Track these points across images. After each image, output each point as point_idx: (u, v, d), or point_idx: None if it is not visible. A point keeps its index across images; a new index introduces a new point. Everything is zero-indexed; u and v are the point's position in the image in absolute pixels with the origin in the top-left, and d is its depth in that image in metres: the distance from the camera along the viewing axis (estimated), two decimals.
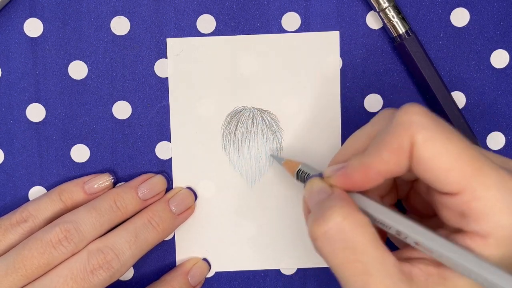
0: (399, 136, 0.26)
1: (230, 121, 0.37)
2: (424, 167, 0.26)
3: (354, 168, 0.28)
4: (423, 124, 0.26)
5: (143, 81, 0.37)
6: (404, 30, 0.36)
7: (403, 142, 0.26)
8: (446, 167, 0.25)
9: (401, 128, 0.26)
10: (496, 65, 0.37)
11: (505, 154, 0.38)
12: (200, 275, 0.37)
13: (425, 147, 0.26)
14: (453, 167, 0.25)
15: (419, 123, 0.26)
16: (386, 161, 0.26)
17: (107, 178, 0.36)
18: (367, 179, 0.27)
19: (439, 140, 0.26)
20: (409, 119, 0.26)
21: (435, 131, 0.26)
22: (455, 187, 0.26)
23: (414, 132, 0.26)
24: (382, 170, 0.27)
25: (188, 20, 0.37)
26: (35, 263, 0.32)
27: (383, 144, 0.27)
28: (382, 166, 0.27)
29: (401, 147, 0.26)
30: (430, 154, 0.26)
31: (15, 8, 0.36)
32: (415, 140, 0.26)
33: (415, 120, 0.26)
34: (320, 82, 0.37)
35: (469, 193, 0.25)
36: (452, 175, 0.25)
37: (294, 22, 0.37)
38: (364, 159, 0.27)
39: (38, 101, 0.37)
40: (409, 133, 0.26)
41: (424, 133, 0.26)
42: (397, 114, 0.27)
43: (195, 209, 0.38)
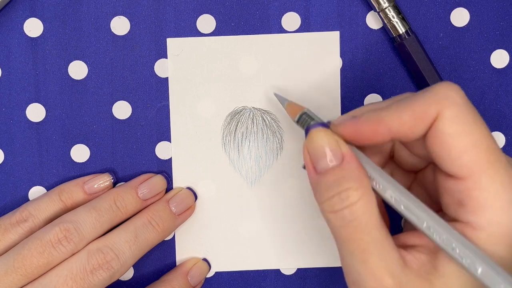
0: (428, 104, 0.26)
1: (230, 121, 0.37)
2: (442, 142, 0.26)
3: (367, 118, 0.27)
4: (456, 101, 0.26)
5: (143, 81, 0.37)
6: (404, 30, 0.36)
7: (430, 110, 0.26)
8: (463, 148, 0.25)
9: (433, 97, 0.26)
10: (496, 65, 0.37)
11: (505, 154, 0.38)
12: (200, 275, 0.37)
13: (451, 122, 0.26)
14: (469, 150, 0.25)
15: (452, 98, 0.26)
16: (402, 122, 0.26)
17: (107, 178, 0.36)
18: (376, 134, 0.27)
19: (467, 120, 0.26)
20: (445, 92, 0.26)
21: (465, 111, 0.26)
22: (463, 171, 0.26)
23: (445, 105, 0.26)
24: (394, 128, 0.27)
25: (188, 20, 0.37)
26: (34, 263, 0.32)
27: (407, 105, 0.26)
28: (396, 124, 0.26)
29: (425, 114, 0.26)
30: (453, 131, 0.26)
31: (15, 8, 0.36)
32: (443, 113, 0.26)
33: (450, 94, 0.26)
34: (320, 82, 0.37)
35: (474, 181, 0.25)
36: (465, 157, 0.25)
37: (294, 22, 0.37)
38: (381, 113, 0.27)
39: (38, 101, 0.37)
40: (439, 104, 0.26)
41: (455, 110, 0.26)
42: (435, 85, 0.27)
43: (195, 209, 0.38)
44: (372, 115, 0.27)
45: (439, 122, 0.26)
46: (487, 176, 0.25)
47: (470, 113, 0.26)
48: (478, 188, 0.25)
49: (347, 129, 0.28)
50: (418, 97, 0.26)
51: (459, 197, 0.26)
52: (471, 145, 0.25)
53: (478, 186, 0.25)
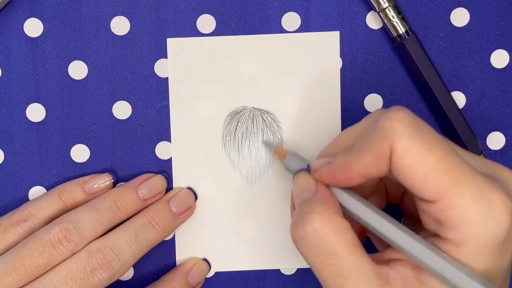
0: (380, 142, 0.26)
1: (230, 121, 0.37)
2: (403, 174, 0.26)
3: (338, 166, 0.28)
4: (404, 133, 0.26)
5: (143, 81, 0.37)
6: (404, 30, 0.36)
7: (383, 148, 0.26)
8: (424, 176, 0.26)
9: (382, 134, 0.26)
10: (496, 65, 0.37)
11: (505, 154, 0.38)
12: (200, 275, 0.37)
13: (404, 155, 0.26)
14: (430, 176, 0.26)
15: (400, 131, 0.26)
16: (367, 164, 0.27)
17: (107, 178, 0.36)
18: (349, 179, 0.28)
19: (418, 149, 0.26)
20: (391, 126, 0.26)
21: (415, 140, 0.26)
22: (432, 195, 0.26)
23: (394, 139, 0.26)
24: (363, 172, 0.27)
25: (188, 20, 0.37)
26: (34, 262, 0.32)
27: (365, 147, 0.27)
28: (363, 168, 0.27)
29: (381, 153, 0.26)
30: (408, 163, 0.26)
31: (15, 8, 0.36)
32: (395, 147, 0.26)
33: (396, 127, 0.26)
34: (320, 82, 0.37)
35: (445, 201, 0.26)
36: (429, 183, 0.26)
37: (294, 22, 0.37)
38: (347, 158, 0.28)
39: (38, 101, 0.37)
40: (389, 140, 0.26)
41: (404, 142, 0.26)
42: (380, 119, 0.27)
43: (195, 209, 0.38)
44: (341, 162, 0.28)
45: (394, 156, 0.26)
46: (455, 194, 0.26)
47: (420, 139, 0.26)
48: (450, 207, 0.26)
49: (323, 176, 0.29)
50: (371, 136, 0.27)
51: (436, 217, 0.26)
52: (429, 170, 0.26)
53: (450, 206, 0.26)
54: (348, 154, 0.28)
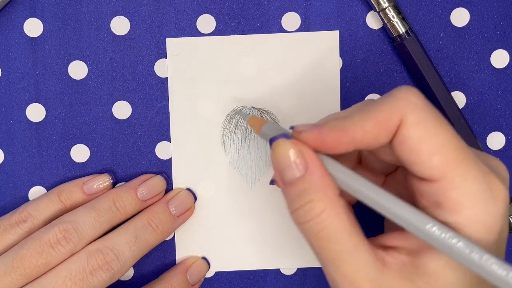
0: (390, 111, 0.26)
1: (230, 121, 0.37)
2: (409, 147, 0.26)
3: (330, 127, 0.27)
4: (418, 105, 0.26)
5: (143, 81, 0.37)
6: (404, 30, 0.36)
7: (392, 117, 0.26)
8: (431, 151, 0.25)
9: (395, 103, 0.26)
10: (496, 65, 0.37)
11: (505, 154, 0.38)
12: (199, 273, 0.37)
13: (416, 127, 0.25)
14: (438, 152, 0.25)
15: (414, 103, 0.26)
16: (366, 130, 0.26)
17: (106, 179, 0.36)
18: (339, 143, 0.27)
19: (431, 123, 0.25)
20: (405, 97, 0.26)
21: (428, 114, 0.26)
22: (435, 173, 0.25)
23: (407, 110, 0.26)
24: (358, 138, 0.26)
25: (188, 20, 0.37)
26: (33, 263, 0.32)
27: (369, 113, 0.26)
28: (359, 134, 0.26)
29: (388, 121, 0.26)
30: (419, 135, 0.25)
31: (15, 8, 0.37)
32: (406, 119, 0.25)
33: (411, 99, 0.26)
34: (320, 82, 0.37)
35: (447, 181, 0.25)
36: (435, 160, 0.25)
37: (294, 22, 0.37)
38: (344, 122, 0.27)
39: (38, 101, 0.37)
40: (401, 110, 0.26)
41: (417, 114, 0.25)
42: (394, 90, 0.26)
43: (195, 209, 0.38)
44: (336, 124, 0.27)
45: (403, 128, 0.26)
46: (459, 175, 0.25)
47: (432, 115, 0.26)
48: (452, 188, 0.25)
49: (310, 137, 0.28)
50: (380, 104, 0.26)
51: (435, 199, 0.26)
52: (438, 146, 0.25)
53: (453, 186, 0.25)
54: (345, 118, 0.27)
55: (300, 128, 0.28)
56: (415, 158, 0.26)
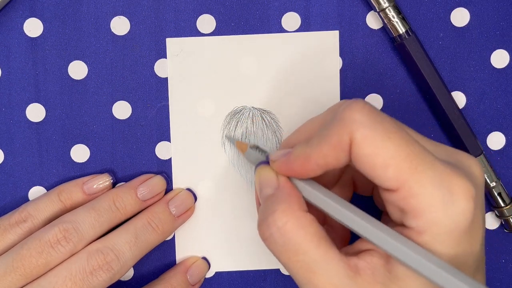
0: (339, 132, 0.27)
1: (230, 121, 0.37)
2: (363, 164, 0.26)
3: (295, 157, 0.29)
4: (363, 122, 0.26)
5: (143, 81, 0.37)
6: (404, 30, 0.36)
7: (342, 138, 0.26)
8: (383, 164, 0.26)
9: (341, 124, 0.27)
10: (496, 65, 0.37)
11: (505, 154, 0.38)
12: (199, 273, 0.37)
13: (363, 144, 0.26)
14: (389, 164, 0.26)
15: (358, 120, 0.26)
16: (325, 155, 0.27)
17: (106, 179, 0.36)
18: (307, 170, 0.28)
19: (377, 138, 0.26)
20: (350, 116, 0.27)
21: (374, 129, 0.26)
22: (393, 184, 0.26)
23: (353, 129, 0.26)
24: (321, 163, 0.28)
25: (188, 20, 0.37)
26: (33, 263, 0.32)
27: (324, 138, 0.27)
28: (321, 159, 0.27)
29: (340, 143, 0.27)
30: (368, 151, 0.26)
31: (15, 8, 0.37)
32: (354, 137, 0.26)
33: (355, 117, 0.26)
34: (320, 82, 0.37)
35: (406, 190, 0.26)
36: (389, 172, 0.26)
37: (294, 22, 0.37)
38: (306, 149, 0.28)
39: (38, 101, 0.37)
40: (348, 130, 0.26)
41: (363, 131, 0.26)
42: (339, 110, 0.27)
43: (195, 209, 0.38)
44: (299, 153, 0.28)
45: (353, 146, 0.26)
46: (415, 182, 0.26)
47: (379, 129, 0.26)
48: (411, 195, 0.26)
49: (281, 167, 0.30)
50: (330, 127, 0.27)
51: (398, 205, 0.27)
52: (389, 159, 0.26)
53: (411, 194, 0.26)
54: (306, 145, 0.28)
55: (273, 158, 0.30)
56: (372, 173, 0.26)
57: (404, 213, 0.27)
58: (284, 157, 0.29)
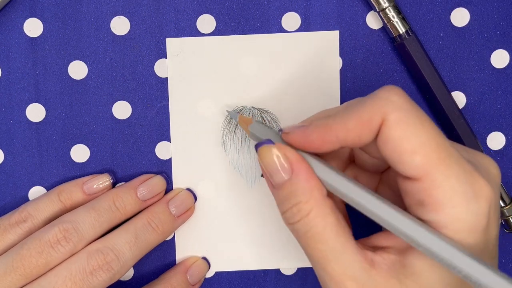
0: (373, 110, 0.26)
1: (230, 121, 0.37)
2: (391, 146, 0.26)
3: (315, 126, 0.28)
4: (400, 105, 0.26)
5: (143, 81, 0.37)
6: (404, 30, 0.36)
7: (375, 117, 0.26)
8: (412, 150, 0.26)
9: (377, 103, 0.26)
10: (496, 65, 0.37)
11: (505, 154, 0.38)
12: (199, 273, 0.37)
13: (397, 126, 0.26)
14: (419, 151, 0.26)
15: (396, 102, 0.26)
16: (349, 129, 0.27)
17: (106, 179, 0.36)
18: (324, 142, 0.28)
19: (412, 122, 0.26)
20: (388, 97, 0.26)
21: (409, 113, 0.26)
22: (418, 172, 0.26)
23: (389, 110, 0.26)
24: (341, 136, 0.27)
25: (188, 20, 0.37)
26: (33, 263, 0.32)
27: (352, 112, 0.27)
28: (342, 132, 0.27)
29: (371, 120, 0.26)
30: (400, 135, 0.26)
31: (15, 8, 0.37)
32: (388, 118, 0.26)
33: (393, 99, 0.26)
34: (320, 82, 0.37)
35: (430, 180, 0.26)
36: (416, 158, 0.26)
37: (294, 22, 0.37)
38: (327, 120, 0.28)
39: (38, 101, 0.37)
40: (383, 110, 0.26)
41: (398, 113, 0.26)
42: (377, 90, 0.27)
43: (195, 209, 0.38)
44: (319, 123, 0.28)
45: (385, 127, 0.26)
46: (441, 174, 0.25)
47: (414, 114, 0.26)
48: (434, 186, 0.26)
49: (296, 138, 0.29)
50: (363, 103, 0.27)
51: (419, 197, 0.26)
52: (419, 145, 0.26)
53: (434, 185, 0.26)
54: (329, 118, 0.28)
55: (287, 130, 0.29)
56: (398, 157, 0.26)
57: (423, 206, 0.26)
58: (301, 128, 0.29)
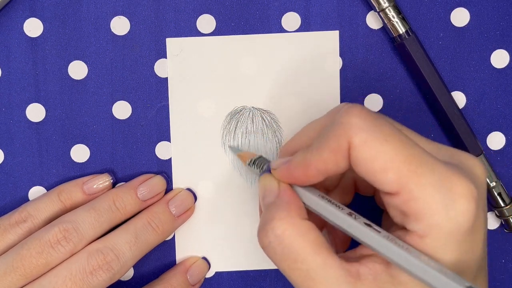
0: (338, 137, 0.27)
1: (230, 121, 0.37)
2: (362, 168, 0.26)
3: (296, 164, 0.29)
4: (361, 126, 0.26)
5: (143, 81, 0.37)
6: (404, 30, 0.36)
7: (341, 143, 0.26)
8: (382, 168, 0.26)
9: (340, 129, 0.27)
10: (496, 65, 0.37)
11: (505, 154, 0.38)
12: (199, 273, 0.37)
13: (362, 148, 0.26)
14: (389, 168, 0.26)
15: (356, 125, 0.26)
16: (325, 160, 0.27)
17: (106, 179, 0.36)
18: (308, 176, 0.28)
19: (376, 141, 0.26)
20: (348, 121, 0.26)
21: (372, 133, 0.26)
22: (393, 188, 0.26)
23: (351, 134, 0.26)
24: (321, 169, 0.27)
25: (188, 20, 0.37)
26: (33, 263, 0.32)
27: (323, 143, 0.27)
28: (321, 165, 0.27)
29: (339, 148, 0.27)
30: (367, 156, 0.26)
31: (15, 8, 0.37)
32: (352, 141, 0.26)
33: (353, 122, 0.26)
34: (320, 82, 0.37)
35: (406, 193, 0.26)
36: (389, 175, 0.26)
37: (294, 22, 0.37)
38: (305, 157, 0.28)
39: (38, 101, 0.37)
40: (347, 135, 0.26)
41: (361, 135, 0.26)
42: (337, 115, 0.27)
43: (195, 209, 0.38)
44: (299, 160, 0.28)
45: (352, 151, 0.26)
46: (415, 185, 0.26)
47: (377, 132, 0.26)
48: (412, 198, 0.26)
49: (282, 174, 0.30)
50: (328, 132, 0.27)
51: (400, 209, 0.27)
52: (388, 162, 0.26)
53: (412, 196, 0.26)
54: (306, 151, 0.28)
55: (274, 166, 0.30)
56: (372, 177, 0.26)
57: (406, 216, 0.26)
58: (285, 164, 0.29)
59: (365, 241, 0.27)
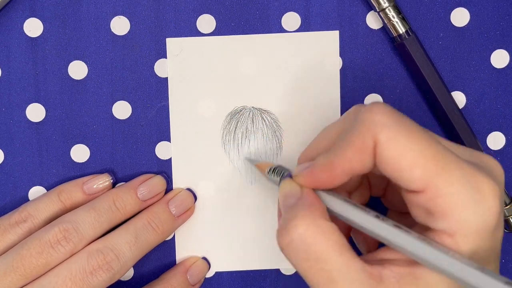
0: (363, 135, 0.26)
1: (230, 121, 0.37)
2: (388, 165, 0.26)
3: (319, 167, 0.28)
4: (386, 123, 0.26)
5: (143, 81, 0.37)
6: (404, 30, 0.36)
7: (366, 141, 0.26)
8: (409, 165, 0.26)
9: (364, 127, 0.26)
10: (496, 65, 0.37)
11: (505, 154, 0.38)
12: (199, 273, 0.37)
13: (388, 146, 0.26)
14: (416, 165, 0.25)
15: (381, 122, 0.26)
16: (350, 160, 0.27)
17: (106, 179, 0.36)
18: (333, 178, 0.28)
19: (402, 138, 0.26)
20: (372, 118, 0.26)
21: (397, 130, 0.26)
22: (419, 185, 0.26)
23: (377, 131, 0.26)
24: (346, 169, 0.27)
25: (188, 20, 0.37)
26: (33, 263, 0.32)
27: (347, 142, 0.27)
28: (346, 165, 0.27)
29: (365, 146, 0.26)
30: (393, 153, 0.26)
31: (15, 8, 0.37)
32: (378, 139, 0.26)
33: (378, 119, 0.26)
34: (320, 82, 0.37)
35: (433, 190, 0.25)
36: (415, 173, 0.25)
37: (294, 22, 0.37)
38: (329, 158, 0.28)
39: (38, 101, 0.37)
40: (372, 132, 0.26)
41: (387, 132, 0.26)
42: (360, 113, 0.27)
43: (195, 209, 0.38)
44: (323, 162, 0.28)
45: (378, 148, 0.26)
46: (443, 181, 0.25)
47: (403, 129, 0.26)
48: (438, 195, 0.25)
49: (306, 180, 0.29)
50: (352, 131, 0.27)
51: (425, 208, 0.26)
52: (415, 159, 0.25)
53: (438, 194, 0.25)
54: (329, 153, 0.28)
55: (296, 173, 0.29)
56: (398, 174, 0.26)
57: (431, 215, 0.26)
58: (307, 169, 0.29)
59: (397, 243, 0.26)
